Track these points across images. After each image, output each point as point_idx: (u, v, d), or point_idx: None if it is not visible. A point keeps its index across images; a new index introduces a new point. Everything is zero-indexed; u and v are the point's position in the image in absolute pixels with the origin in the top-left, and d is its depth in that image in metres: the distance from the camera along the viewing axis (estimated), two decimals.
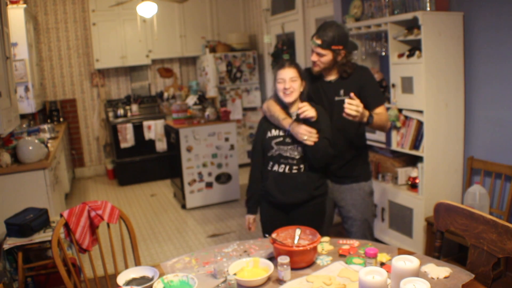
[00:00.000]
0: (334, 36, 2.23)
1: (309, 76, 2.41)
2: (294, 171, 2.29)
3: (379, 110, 2.34)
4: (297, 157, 2.28)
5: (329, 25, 2.27)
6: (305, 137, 2.18)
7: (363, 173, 2.49)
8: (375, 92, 2.38)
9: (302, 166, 2.29)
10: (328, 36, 2.23)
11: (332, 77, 2.39)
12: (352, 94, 2.13)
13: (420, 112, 3.07)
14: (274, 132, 2.32)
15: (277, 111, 2.31)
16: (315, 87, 2.41)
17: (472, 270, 1.62)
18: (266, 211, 2.46)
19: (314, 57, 2.32)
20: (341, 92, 2.35)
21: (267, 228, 2.42)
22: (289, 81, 2.23)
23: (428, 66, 2.97)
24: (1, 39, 3.03)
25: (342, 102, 2.30)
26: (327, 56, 2.28)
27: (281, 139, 2.29)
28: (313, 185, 2.32)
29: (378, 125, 2.33)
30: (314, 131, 2.18)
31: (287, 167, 2.30)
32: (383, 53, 3.52)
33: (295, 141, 2.26)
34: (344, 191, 2.47)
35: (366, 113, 2.18)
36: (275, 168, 2.33)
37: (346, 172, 2.45)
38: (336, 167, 2.43)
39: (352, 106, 2.06)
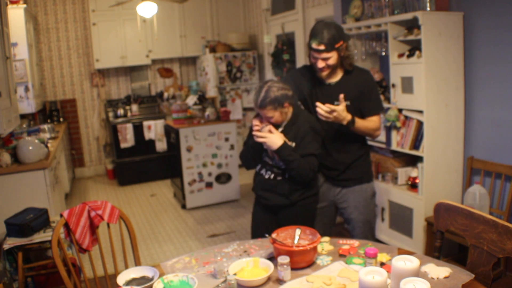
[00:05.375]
0: (333, 35, 2.17)
1: (306, 77, 2.37)
2: (279, 177, 2.28)
3: (374, 118, 2.34)
4: (283, 167, 2.26)
5: (321, 27, 2.20)
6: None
7: (365, 175, 2.47)
8: (374, 100, 2.36)
9: (286, 174, 2.28)
10: (327, 38, 2.17)
11: (334, 79, 2.34)
12: (341, 96, 2.17)
13: (420, 112, 3.07)
14: None
15: None
16: (313, 92, 2.37)
17: (472, 270, 1.62)
18: (257, 213, 2.47)
19: (321, 63, 2.24)
20: (341, 97, 2.30)
21: (257, 230, 2.44)
22: (267, 120, 2.24)
23: (428, 66, 2.97)
24: (1, 39, 3.03)
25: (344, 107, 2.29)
26: (333, 57, 2.22)
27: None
28: (297, 193, 2.30)
29: (363, 132, 2.32)
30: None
31: (272, 175, 2.30)
32: (383, 53, 3.52)
33: None
34: (346, 193, 2.46)
35: (348, 117, 2.18)
36: (262, 172, 2.34)
37: (348, 175, 2.43)
38: (338, 173, 2.43)
39: (322, 112, 2.14)
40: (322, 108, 2.14)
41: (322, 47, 2.18)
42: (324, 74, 2.30)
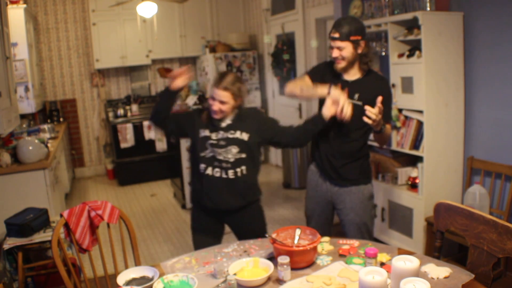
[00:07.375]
0: (350, 27, 2.21)
1: (328, 71, 2.37)
2: (231, 176, 2.23)
3: (389, 125, 2.35)
4: (231, 160, 2.21)
5: (343, 18, 2.26)
6: (342, 110, 2.12)
7: (363, 176, 2.44)
8: (388, 109, 2.37)
9: (238, 170, 2.23)
10: (344, 28, 2.21)
11: (352, 77, 2.33)
12: (378, 99, 2.13)
13: (420, 112, 3.07)
14: (208, 133, 2.25)
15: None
16: (331, 86, 2.35)
17: (472, 270, 1.62)
18: (198, 216, 2.40)
19: (335, 53, 2.26)
20: (356, 96, 2.30)
21: (198, 236, 2.40)
22: (218, 103, 2.22)
23: (428, 66, 2.98)
24: (1, 39, 3.03)
25: (354, 106, 2.25)
26: (347, 48, 2.23)
27: (215, 142, 2.22)
28: (250, 191, 2.30)
29: (384, 138, 2.35)
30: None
31: (223, 172, 2.23)
32: (383, 53, 3.52)
33: (229, 143, 2.21)
34: (342, 194, 2.44)
35: (382, 121, 2.19)
36: (209, 171, 2.24)
37: (346, 174, 2.41)
38: (336, 167, 2.41)
39: (372, 115, 2.08)
40: (371, 111, 2.09)
41: (336, 35, 2.22)
42: (339, 67, 2.29)
